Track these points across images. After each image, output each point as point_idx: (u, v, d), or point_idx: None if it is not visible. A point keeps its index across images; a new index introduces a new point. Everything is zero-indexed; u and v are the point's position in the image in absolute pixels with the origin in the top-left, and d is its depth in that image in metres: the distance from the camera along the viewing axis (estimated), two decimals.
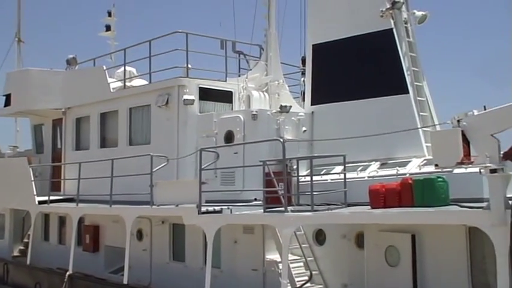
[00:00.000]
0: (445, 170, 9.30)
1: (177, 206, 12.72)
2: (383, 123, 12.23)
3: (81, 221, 16.19)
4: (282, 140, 11.31)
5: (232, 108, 15.19)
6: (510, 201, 7.95)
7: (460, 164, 8.25)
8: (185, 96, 14.33)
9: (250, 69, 15.86)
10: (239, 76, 15.80)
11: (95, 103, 17.41)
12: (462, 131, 8.19)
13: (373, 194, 10.12)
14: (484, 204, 8.40)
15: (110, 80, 17.27)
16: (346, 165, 11.28)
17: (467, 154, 8.19)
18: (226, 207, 11.85)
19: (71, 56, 19.30)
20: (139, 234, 15.17)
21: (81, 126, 18.30)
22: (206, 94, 14.87)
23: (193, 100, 14.38)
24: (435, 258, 9.83)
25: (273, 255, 12.11)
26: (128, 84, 16.80)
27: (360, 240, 11.16)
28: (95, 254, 16.50)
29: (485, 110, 8.21)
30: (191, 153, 13.63)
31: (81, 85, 18.22)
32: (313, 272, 11.68)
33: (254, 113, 13.34)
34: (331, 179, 12.02)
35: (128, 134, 16.16)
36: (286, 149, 10.93)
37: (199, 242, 13.33)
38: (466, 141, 8.19)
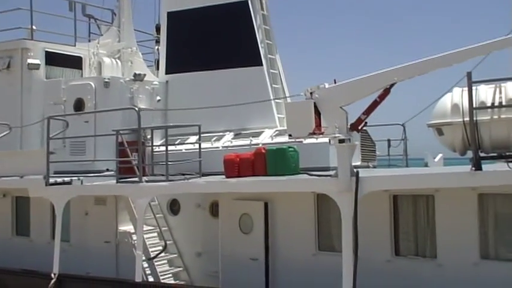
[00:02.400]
0: (295, 140, 9.73)
1: (21, 177, 11.94)
2: (237, 94, 12.44)
3: None
4: (137, 108, 11.04)
5: (82, 75, 14.46)
6: (355, 170, 8.54)
7: (312, 134, 8.64)
8: (29, 60, 13.37)
9: (102, 35, 15.18)
10: (89, 41, 15.04)
11: None
12: (314, 103, 8.57)
13: (228, 163, 10.31)
14: (332, 172, 8.93)
15: None
16: (201, 135, 11.34)
17: (318, 125, 8.60)
18: (76, 178, 11.37)
19: None
20: None
21: None
22: (53, 59, 13.96)
23: (39, 65, 13.46)
24: (286, 224, 10.30)
25: (126, 227, 11.91)
26: None
27: (214, 209, 11.35)
28: None
29: (335, 83, 8.66)
30: (37, 121, 12.81)
31: None
32: (168, 242, 11.69)
33: (106, 80, 12.83)
34: (186, 149, 12.03)
35: None
36: (140, 118, 10.70)
37: (46, 215, 12.70)
38: (317, 113, 8.59)
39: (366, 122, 8.59)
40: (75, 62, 14.44)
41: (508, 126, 7.88)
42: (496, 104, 7.96)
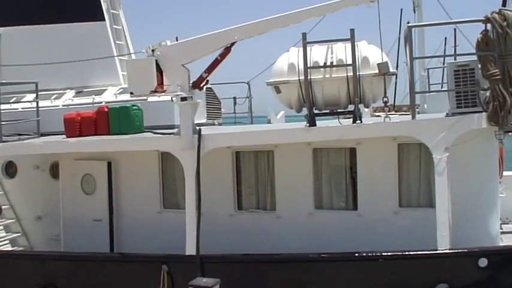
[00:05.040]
0: (139, 98, 9.58)
1: None
2: (78, 50, 11.89)
3: None
4: None
5: None
6: (197, 127, 8.62)
7: (154, 92, 8.56)
8: None
9: None
10: None
11: None
12: (156, 61, 8.46)
13: (68, 122, 9.94)
14: (175, 130, 8.95)
15: None
16: (39, 93, 10.71)
17: (160, 83, 8.53)
18: None
19: None
20: None
21: None
22: None
23: None
24: (130, 183, 10.20)
25: None
26: None
27: (54, 171, 10.91)
28: None
29: (177, 41, 8.60)
30: None
31: None
32: (4, 207, 11.05)
33: None
34: (23, 108, 11.35)
35: None
36: None
37: None
38: (159, 71, 8.51)
39: (207, 80, 8.67)
40: None
41: (338, 84, 8.39)
42: (328, 63, 8.41)
